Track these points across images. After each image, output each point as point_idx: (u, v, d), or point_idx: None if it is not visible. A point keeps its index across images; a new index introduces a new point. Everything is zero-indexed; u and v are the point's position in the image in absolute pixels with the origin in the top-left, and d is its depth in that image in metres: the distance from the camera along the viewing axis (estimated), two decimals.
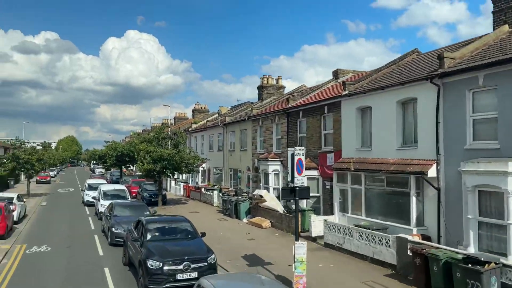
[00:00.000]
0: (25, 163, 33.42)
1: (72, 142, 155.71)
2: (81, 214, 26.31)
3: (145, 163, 26.37)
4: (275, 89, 32.76)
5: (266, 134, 25.23)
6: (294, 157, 11.08)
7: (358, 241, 14.38)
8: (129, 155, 46.82)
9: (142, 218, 13.43)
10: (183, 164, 27.17)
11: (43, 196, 36.46)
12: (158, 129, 28.62)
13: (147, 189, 31.03)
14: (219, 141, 34.02)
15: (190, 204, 30.30)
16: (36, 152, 35.33)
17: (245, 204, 22.58)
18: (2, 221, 17.79)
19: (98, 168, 78.96)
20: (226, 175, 32.16)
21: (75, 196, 37.05)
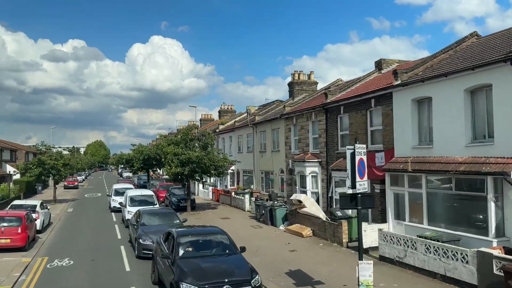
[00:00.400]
0: (50, 169, 32.50)
1: (100, 146, 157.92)
2: (107, 221, 24.91)
3: (173, 167, 24.75)
4: (307, 85, 30.62)
5: (302, 133, 23.14)
6: (355, 156, 9.02)
7: (424, 255, 12.10)
8: (156, 158, 45.72)
9: (172, 231, 11.60)
10: (212, 167, 25.41)
11: (70, 202, 35.52)
12: (185, 131, 26.98)
13: (175, 193, 29.46)
14: (248, 142, 32.14)
15: (220, 209, 28.50)
16: (62, 157, 34.41)
17: (281, 210, 20.55)
18: (22, 231, 16.41)
19: (125, 172, 78.72)
20: (256, 178, 30.23)
21: (102, 201, 35.96)
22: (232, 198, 29.23)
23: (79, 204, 34.80)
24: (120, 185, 31.87)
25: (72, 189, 51.11)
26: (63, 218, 26.42)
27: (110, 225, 23.24)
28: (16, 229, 16.34)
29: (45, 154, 33.19)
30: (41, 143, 33.46)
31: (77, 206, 32.87)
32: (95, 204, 34.67)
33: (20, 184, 37.66)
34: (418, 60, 18.74)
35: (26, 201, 22.33)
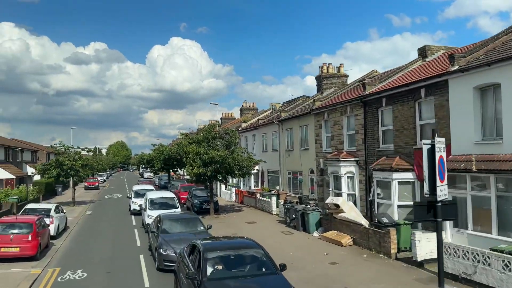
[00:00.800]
0: (69, 170, 31.30)
1: (122, 147, 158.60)
2: (127, 225, 23.37)
3: (195, 167, 23.00)
4: (336, 78, 28.41)
5: (335, 130, 21.02)
6: (435, 153, 6.93)
7: (502, 272, 9.89)
8: (177, 158, 44.24)
9: (198, 243, 9.75)
10: (236, 167, 23.53)
11: (89, 204, 34.32)
12: (207, 128, 25.19)
13: (197, 195, 27.76)
14: (273, 140, 30.15)
15: (245, 212, 26.62)
16: (81, 157, 33.21)
17: (314, 214, 18.50)
18: (33, 239, 14.90)
19: (146, 172, 77.88)
20: (283, 179, 28.22)
21: (122, 203, 34.62)
22: (258, 200, 27.30)
23: (99, 206, 33.55)
24: (140, 187, 30.40)
25: (93, 190, 50.22)
26: (81, 221, 25.05)
27: (129, 229, 21.67)
28: (26, 236, 14.84)
29: (63, 155, 32.04)
30: (59, 143, 32.33)
31: (96, 208, 31.59)
32: (115, 206, 33.35)
33: (39, 186, 36.73)
34: (471, 45, 16.36)
35: (41, 204, 20.95)
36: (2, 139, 43.23)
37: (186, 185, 35.27)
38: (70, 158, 32.03)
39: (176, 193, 33.62)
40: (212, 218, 24.06)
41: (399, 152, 16.10)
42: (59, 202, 35.34)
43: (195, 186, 34.13)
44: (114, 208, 31.74)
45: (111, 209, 31.16)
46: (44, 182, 36.72)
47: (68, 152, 32.54)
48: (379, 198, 16.64)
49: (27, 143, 51.84)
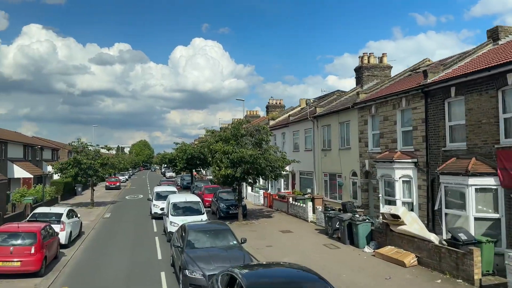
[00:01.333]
0: (87, 169, 29.31)
1: (145, 146, 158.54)
2: (147, 231, 21.04)
3: (222, 167, 20.44)
4: (379, 70, 25.36)
5: (385, 126, 18.06)
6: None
7: None
8: (200, 157, 41.99)
9: (238, 276, 7.10)
10: (268, 168, 20.85)
11: (109, 205, 32.32)
12: (236, 125, 22.57)
13: (223, 198, 25.23)
14: (307, 138, 27.33)
15: (276, 218, 23.90)
16: (100, 156, 31.21)
17: (365, 225, 15.62)
18: (36, 251, 12.62)
19: (168, 172, 76.25)
20: (318, 181, 25.37)
21: (143, 204, 32.50)
22: (290, 205, 24.52)
23: (119, 208, 31.48)
24: (162, 188, 28.08)
25: (114, 190, 48.54)
26: (98, 226, 22.86)
27: (150, 237, 19.30)
28: (29, 248, 12.57)
29: (82, 153, 30.09)
30: (77, 140, 30.38)
31: (116, 211, 29.49)
32: (135, 208, 31.22)
33: (57, 186, 35.01)
34: None
35: (52, 208, 18.77)
36: (21, 137, 41.90)
37: (211, 186, 32.84)
38: (89, 157, 30.05)
39: (199, 195, 31.27)
40: (241, 225, 21.46)
41: (475, 152, 13.06)
42: (78, 203, 33.72)
43: (220, 188, 31.73)
44: (134, 210, 29.59)
45: (131, 211, 29.00)
46: (63, 182, 34.97)
47: (87, 151, 30.57)
48: (447, 207, 13.63)
49: (48, 141, 50.63)
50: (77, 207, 31.38)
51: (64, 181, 35.37)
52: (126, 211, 29.36)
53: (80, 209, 29.81)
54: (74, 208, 31.45)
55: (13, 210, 25.54)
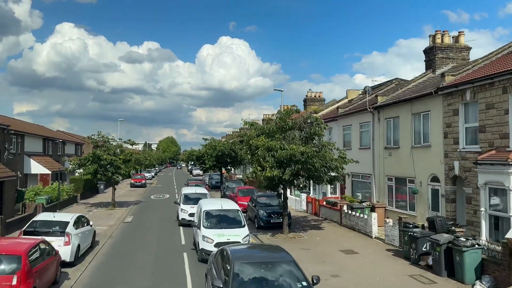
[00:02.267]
0: (108, 165, 25.86)
1: (172, 143, 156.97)
2: (174, 243, 17.21)
3: (267, 168, 16.28)
4: (455, 51, 20.63)
5: (488, 116, 13.43)
6: None
7: None
8: (231, 155, 38.07)
9: None
10: (323, 169, 16.52)
11: (132, 206, 28.82)
12: (283, 114, 18.26)
13: (263, 203, 21.13)
14: (362, 134, 22.83)
15: (328, 230, 19.56)
16: (123, 151, 27.72)
17: (473, 253, 11.11)
18: (20, 283, 8.86)
19: (195, 169, 73.00)
20: (378, 186, 20.87)
21: (169, 206, 28.87)
22: (345, 214, 20.09)
23: (143, 209, 27.92)
24: (190, 189, 24.14)
25: (139, 187, 45.35)
26: (116, 233, 19.19)
27: (177, 253, 15.40)
28: (9, 278, 8.85)
29: (102, 148, 26.66)
30: (97, 133, 26.95)
31: (139, 213, 25.90)
32: (161, 210, 27.58)
33: (76, 183, 31.82)
34: None
35: (57, 215, 15.02)
36: (41, 130, 39.17)
37: (245, 188, 28.83)
38: (110, 152, 26.60)
39: (232, 197, 27.35)
40: (287, 239, 17.29)
41: None
42: (98, 203, 30.44)
43: (255, 190, 27.73)
44: (159, 213, 25.90)
45: (155, 215, 25.31)
46: (83, 179, 31.78)
47: (108, 145, 27.12)
48: None
49: (72, 135, 47.99)
50: (96, 207, 28.11)
51: (84, 178, 32.17)
52: (150, 214, 25.71)
53: (99, 211, 26.46)
54: (93, 209, 28.77)
55: (23, 211, 22.33)
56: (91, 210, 26.61)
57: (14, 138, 29.39)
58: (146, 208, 28.47)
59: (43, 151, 35.27)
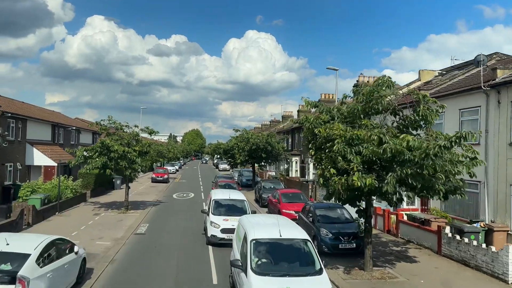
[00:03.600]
0: (119, 158, 20.30)
1: (197, 135, 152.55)
2: (200, 273, 11.35)
3: (353, 172, 10.03)
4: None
5: None
6: None
7: None
8: (266, 149, 32.10)
9: None
10: (440, 177, 10.05)
11: (149, 209, 23.23)
12: (370, 89, 11.74)
13: (325, 218, 14.90)
14: (465, 124, 16.22)
15: (426, 264, 13.15)
16: (139, 141, 22.09)
17: None
18: None
19: (222, 163, 67.49)
20: (494, 199, 14.34)
21: (194, 210, 23.22)
22: (447, 240, 13.60)
23: (162, 213, 22.29)
24: (222, 194, 17.57)
25: (161, 183, 40.03)
26: (120, 257, 13.42)
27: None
28: None
29: (114, 136, 21.13)
30: (108, 118, 21.33)
31: (156, 220, 20.25)
32: (184, 215, 21.89)
33: (85, 178, 26.54)
34: None
35: (15, 238, 9.30)
36: (52, 115, 34.18)
37: (289, 191, 22.69)
38: (123, 142, 21.03)
39: (272, 203, 21.46)
40: (373, 280, 11.09)
41: None
42: (110, 203, 24.71)
43: (303, 194, 21.72)
44: (182, 221, 20.14)
45: (177, 223, 19.55)
46: (94, 173, 26.43)
47: (121, 133, 21.53)
48: None
49: (88, 122, 43.02)
50: (107, 209, 22.64)
51: (96, 172, 26.75)
52: (171, 222, 19.99)
53: (108, 215, 20.96)
54: (102, 211, 21.81)
55: (7, 215, 17.00)
56: (99, 214, 21.17)
57: (12, 122, 24.31)
58: (166, 212, 22.80)
59: (52, 140, 30.24)
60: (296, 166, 39.43)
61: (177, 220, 20.44)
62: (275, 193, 22.03)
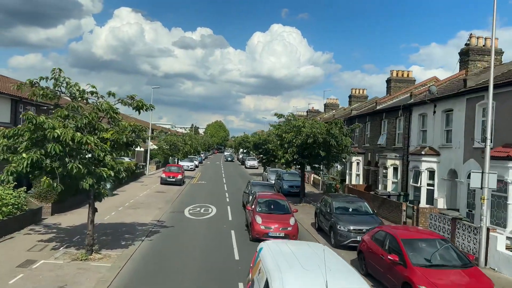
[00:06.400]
0: (68, 155, 9.58)
1: (220, 127, 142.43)
2: None
3: None
4: None
5: None
6: None
7: None
8: (327, 143, 21.04)
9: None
10: None
11: (136, 245, 12.43)
12: None
13: None
14: None
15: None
16: (118, 122, 11.27)
17: None
18: None
19: (250, 160, 56.62)
20: None
21: (217, 249, 12.53)
22: None
23: (156, 260, 11.48)
24: (284, 247, 6.55)
25: (173, 185, 29.56)
26: None
27: None
28: None
29: (61, 112, 10.32)
30: (51, 73, 10.51)
31: (142, 285, 9.49)
32: (199, 264, 11.10)
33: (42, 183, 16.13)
34: None
35: None
36: None
37: (376, 229, 11.41)
38: (79, 122, 10.29)
39: (382, 259, 10.24)
40: None
41: None
42: (77, 228, 13.78)
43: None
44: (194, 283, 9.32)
45: None
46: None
47: (76, 105, 10.56)
48: None
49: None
50: (60, 244, 11.18)
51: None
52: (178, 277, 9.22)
53: (50, 264, 9.84)
54: (51, 248, 10.70)
55: None
56: (33, 262, 10.68)
57: None
58: (165, 259, 12.00)
59: (11, 122, 20.08)
60: (358, 169, 28.10)
61: (187, 274, 9.63)
62: (389, 237, 10.39)
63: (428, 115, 19.63)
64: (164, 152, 35.68)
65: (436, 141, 18.74)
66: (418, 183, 19.32)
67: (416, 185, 19.69)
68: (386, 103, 25.84)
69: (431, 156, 18.68)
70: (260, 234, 13.17)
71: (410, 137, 21.06)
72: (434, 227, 14.63)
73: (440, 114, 18.58)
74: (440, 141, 18.47)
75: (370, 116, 26.66)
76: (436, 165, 18.51)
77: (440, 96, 18.36)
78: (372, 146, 26.00)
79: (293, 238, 13.23)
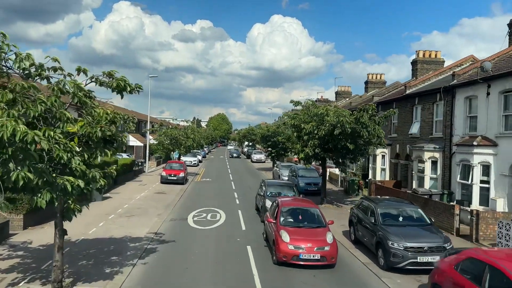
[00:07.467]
0: (12, 157, 6.28)
1: (223, 120, 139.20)
2: None
3: None
4: None
5: None
6: None
7: None
8: (355, 133, 17.73)
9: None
10: None
11: (124, 276, 9.17)
12: None
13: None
14: None
15: None
16: (89, 109, 7.97)
17: None
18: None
19: (256, 153, 53.31)
20: None
21: (230, 276, 9.27)
22: None
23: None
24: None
25: (174, 184, 26.34)
26: None
27: None
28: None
29: (7, 94, 7.00)
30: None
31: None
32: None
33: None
34: None
35: None
36: None
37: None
38: (31, 109, 6.95)
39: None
40: None
41: None
42: (49, 248, 10.82)
43: None
44: None
45: None
46: None
47: (28, 90, 7.26)
48: None
49: None
50: (16, 283, 8.61)
51: None
52: None
53: None
54: None
55: None
56: None
57: None
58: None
59: None
60: (383, 163, 24.76)
61: None
62: (491, 271, 6.97)
63: (479, 97, 16.20)
64: (165, 147, 32.36)
65: (491, 129, 15.35)
66: (468, 180, 15.98)
67: (464, 182, 16.36)
68: (417, 86, 22.37)
69: (485, 147, 15.32)
70: (288, 256, 9.88)
71: (454, 125, 17.65)
72: (504, 236, 11.33)
73: (496, 96, 15.16)
74: (497, 129, 15.08)
75: (397, 102, 23.23)
76: (492, 158, 15.14)
77: (498, 74, 14.89)
78: (401, 137, 22.60)
79: (331, 261, 9.95)
